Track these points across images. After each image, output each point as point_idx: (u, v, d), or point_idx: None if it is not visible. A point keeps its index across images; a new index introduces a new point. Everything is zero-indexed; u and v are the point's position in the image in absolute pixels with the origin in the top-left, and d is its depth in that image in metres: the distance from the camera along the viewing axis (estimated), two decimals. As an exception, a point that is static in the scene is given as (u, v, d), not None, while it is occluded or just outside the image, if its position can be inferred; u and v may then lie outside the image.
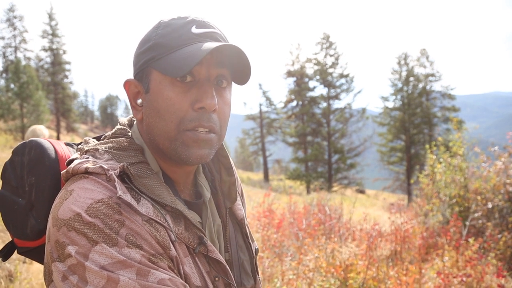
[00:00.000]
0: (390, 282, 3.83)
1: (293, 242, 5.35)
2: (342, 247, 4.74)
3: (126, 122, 0.93)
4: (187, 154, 0.79)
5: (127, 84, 0.85)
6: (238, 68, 0.83)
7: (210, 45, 0.75)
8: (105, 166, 0.75)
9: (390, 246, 5.48)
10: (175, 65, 0.75)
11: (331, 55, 31.46)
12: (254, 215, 6.99)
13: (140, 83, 0.83)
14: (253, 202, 10.38)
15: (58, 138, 28.17)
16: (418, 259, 4.85)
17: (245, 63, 0.80)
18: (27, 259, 4.58)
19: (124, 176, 0.76)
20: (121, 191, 0.72)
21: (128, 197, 0.73)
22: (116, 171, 0.75)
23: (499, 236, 5.36)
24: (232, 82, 0.87)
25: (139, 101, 0.84)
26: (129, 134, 0.88)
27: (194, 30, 0.79)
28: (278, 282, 3.85)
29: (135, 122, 0.91)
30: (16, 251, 0.90)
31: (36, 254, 0.89)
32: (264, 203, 6.90)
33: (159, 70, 0.78)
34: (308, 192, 22.83)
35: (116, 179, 0.73)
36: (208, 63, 0.79)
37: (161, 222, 0.75)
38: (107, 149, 0.82)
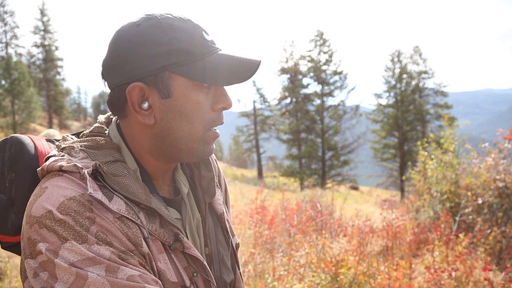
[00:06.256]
0: (380, 277, 3.87)
1: (284, 238, 5.37)
2: (333, 242, 4.77)
3: (104, 120, 0.92)
4: (207, 150, 0.86)
5: (132, 89, 0.79)
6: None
7: (250, 61, 0.83)
8: (79, 165, 0.75)
9: (382, 242, 5.53)
10: (209, 74, 0.79)
11: (324, 52, 31.49)
12: (247, 211, 7.00)
13: (151, 87, 0.79)
14: (246, 199, 10.40)
15: (50, 135, 27.91)
16: (409, 255, 4.90)
17: (253, 74, 0.84)
18: (18, 257, 4.57)
19: (97, 175, 0.76)
20: (92, 188, 0.72)
21: (99, 195, 0.73)
22: (89, 169, 0.75)
23: (489, 231, 5.42)
24: None
25: (145, 105, 0.80)
26: (106, 132, 0.88)
27: (205, 36, 0.83)
28: (269, 278, 3.87)
29: (113, 120, 0.90)
30: (0, 246, 0.90)
31: (19, 249, 0.89)
32: (256, 199, 6.92)
33: (189, 77, 0.79)
34: (302, 189, 22.89)
35: (88, 177, 0.73)
36: None
37: (133, 219, 0.75)
38: (82, 147, 0.81)
